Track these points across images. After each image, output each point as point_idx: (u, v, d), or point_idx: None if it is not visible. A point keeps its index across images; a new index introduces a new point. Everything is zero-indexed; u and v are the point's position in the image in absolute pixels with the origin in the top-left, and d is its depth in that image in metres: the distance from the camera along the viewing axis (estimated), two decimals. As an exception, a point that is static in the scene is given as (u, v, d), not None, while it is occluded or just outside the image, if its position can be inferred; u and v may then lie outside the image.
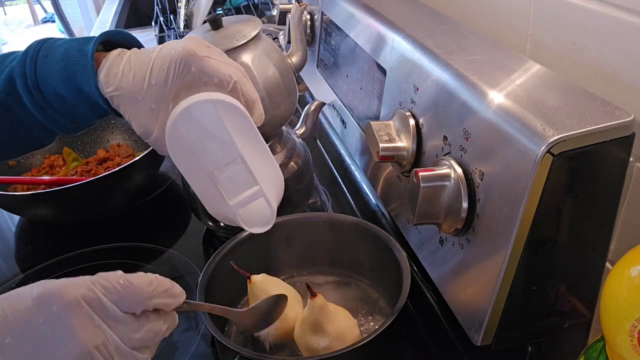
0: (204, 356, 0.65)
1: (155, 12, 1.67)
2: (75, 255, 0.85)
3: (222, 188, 0.49)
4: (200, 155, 0.48)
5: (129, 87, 0.49)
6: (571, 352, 0.52)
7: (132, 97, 0.49)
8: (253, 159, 0.49)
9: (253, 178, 0.50)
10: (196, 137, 0.48)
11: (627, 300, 0.37)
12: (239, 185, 0.50)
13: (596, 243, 0.48)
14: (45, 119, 0.53)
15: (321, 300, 0.57)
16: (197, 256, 0.83)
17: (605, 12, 0.51)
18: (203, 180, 0.49)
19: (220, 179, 0.49)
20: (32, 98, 0.51)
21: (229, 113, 0.48)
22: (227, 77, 0.48)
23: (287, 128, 0.82)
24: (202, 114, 0.47)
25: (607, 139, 0.43)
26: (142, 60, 0.49)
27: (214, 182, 0.49)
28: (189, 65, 0.48)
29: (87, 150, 1.07)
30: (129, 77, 0.49)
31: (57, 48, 0.52)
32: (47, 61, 0.51)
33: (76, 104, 0.52)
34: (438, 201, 0.52)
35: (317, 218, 0.73)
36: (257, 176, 0.50)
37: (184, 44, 0.48)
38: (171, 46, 0.49)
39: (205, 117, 0.47)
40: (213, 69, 0.48)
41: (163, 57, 0.48)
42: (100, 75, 0.50)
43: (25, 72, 0.51)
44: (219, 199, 0.50)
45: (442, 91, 0.55)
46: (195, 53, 0.48)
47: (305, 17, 0.99)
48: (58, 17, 2.50)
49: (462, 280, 0.53)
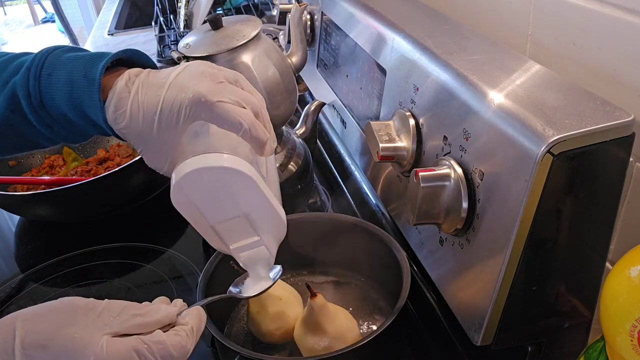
0: (204, 356, 0.65)
1: (155, 12, 1.67)
2: (75, 255, 0.85)
3: (223, 237, 0.52)
4: (202, 211, 0.49)
5: (137, 128, 0.48)
6: (571, 352, 0.52)
7: (142, 136, 0.49)
8: (255, 214, 0.51)
9: (254, 230, 0.51)
10: (198, 197, 0.49)
11: (627, 300, 0.37)
12: (239, 234, 0.52)
13: (596, 243, 0.48)
14: (50, 133, 0.53)
15: (321, 300, 0.57)
16: (197, 256, 0.83)
17: (605, 12, 0.50)
18: (206, 227, 0.51)
19: (221, 230, 0.51)
20: (38, 116, 0.51)
21: (232, 178, 0.48)
22: (237, 124, 0.47)
23: (287, 128, 0.82)
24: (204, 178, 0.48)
25: (607, 139, 0.43)
26: (150, 99, 0.47)
27: (216, 231, 0.51)
28: (199, 112, 0.46)
29: (87, 150, 1.07)
30: (137, 117, 0.48)
31: (61, 67, 0.50)
32: (51, 81, 0.50)
33: (83, 125, 0.51)
34: (438, 201, 0.52)
35: (317, 218, 0.73)
36: (257, 229, 0.52)
37: (194, 89, 0.46)
38: (180, 85, 0.47)
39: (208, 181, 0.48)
40: (222, 117, 0.46)
41: (173, 99, 0.46)
42: (108, 110, 0.49)
43: (29, 92, 0.50)
44: (220, 243, 0.52)
45: (442, 91, 0.55)
46: (206, 100, 0.46)
47: (305, 17, 0.99)
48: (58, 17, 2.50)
49: (462, 280, 0.53)
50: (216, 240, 0.52)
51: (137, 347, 0.40)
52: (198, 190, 0.48)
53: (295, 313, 0.62)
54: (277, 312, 0.61)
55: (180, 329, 0.44)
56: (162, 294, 0.48)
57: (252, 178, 0.48)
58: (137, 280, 0.80)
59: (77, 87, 0.49)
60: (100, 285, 0.81)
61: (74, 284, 0.81)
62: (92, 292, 0.80)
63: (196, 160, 0.47)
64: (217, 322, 0.60)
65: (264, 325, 0.61)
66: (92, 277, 0.82)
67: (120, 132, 0.49)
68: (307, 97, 1.18)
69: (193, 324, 0.45)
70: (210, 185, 0.48)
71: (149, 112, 0.47)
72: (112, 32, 1.86)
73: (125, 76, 0.49)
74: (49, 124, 0.52)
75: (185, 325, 0.44)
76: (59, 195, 0.83)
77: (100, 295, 0.81)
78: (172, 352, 0.41)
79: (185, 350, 0.42)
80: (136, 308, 0.43)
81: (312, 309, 0.57)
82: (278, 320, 0.61)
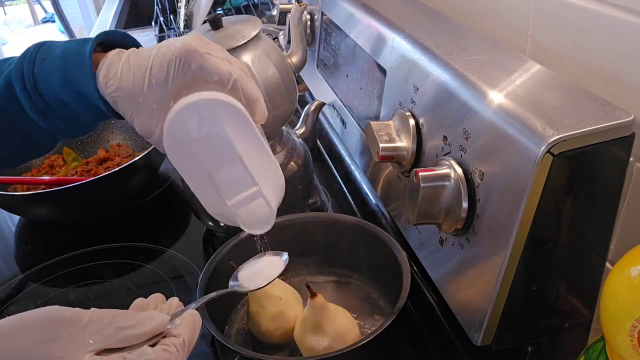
0: (204, 356, 0.65)
1: (155, 12, 1.67)
2: (75, 255, 0.85)
3: (220, 188, 0.49)
4: (197, 155, 0.47)
5: (128, 88, 0.48)
6: (571, 352, 0.52)
7: (133, 97, 0.48)
8: (252, 160, 0.49)
9: (252, 179, 0.49)
10: (193, 137, 0.47)
11: (627, 300, 0.37)
12: (237, 185, 0.49)
13: (596, 243, 0.48)
14: (46, 124, 0.52)
15: (321, 300, 0.57)
16: (197, 256, 0.83)
17: (605, 12, 0.50)
18: (201, 180, 0.48)
19: (218, 180, 0.48)
20: (32, 102, 0.50)
21: (227, 113, 0.47)
22: (227, 74, 0.47)
23: (287, 128, 0.82)
24: (199, 114, 0.47)
25: (607, 139, 0.43)
26: (141, 59, 0.48)
27: (212, 182, 0.48)
28: (189, 62, 0.47)
29: (87, 150, 1.07)
30: (128, 77, 0.48)
31: (54, 50, 0.51)
32: (45, 64, 0.50)
33: (77, 107, 0.51)
34: (438, 201, 0.52)
35: (317, 218, 0.73)
36: (256, 177, 0.49)
37: (183, 41, 0.47)
38: (170, 43, 0.48)
39: (203, 117, 0.47)
40: (213, 66, 0.47)
41: (163, 54, 0.47)
42: (99, 76, 0.49)
43: (24, 75, 0.50)
44: (217, 199, 0.49)
45: (442, 91, 0.55)
46: (195, 49, 0.47)
47: (305, 17, 0.99)
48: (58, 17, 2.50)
49: (462, 280, 0.53)
50: (212, 198, 0.49)
51: None
52: (194, 129, 0.47)
53: (295, 313, 0.62)
54: (277, 312, 0.61)
55: (170, 342, 0.42)
56: (162, 294, 0.48)
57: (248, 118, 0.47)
58: (137, 280, 0.80)
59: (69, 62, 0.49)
60: (100, 285, 0.81)
61: (74, 284, 0.81)
62: (92, 292, 0.80)
63: (186, 98, 0.46)
64: (217, 322, 0.60)
65: (263, 325, 0.61)
66: (92, 277, 0.82)
67: (111, 98, 0.49)
68: (307, 97, 1.18)
69: (185, 335, 0.43)
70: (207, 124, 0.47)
71: (139, 69, 0.48)
72: (112, 32, 1.86)
73: (116, 50, 0.50)
74: (44, 111, 0.51)
75: (176, 337, 0.42)
76: (59, 195, 0.83)
77: (100, 295, 0.82)
78: None
79: None
80: (125, 318, 0.41)
81: (312, 309, 0.57)
82: (278, 320, 0.61)
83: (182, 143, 0.47)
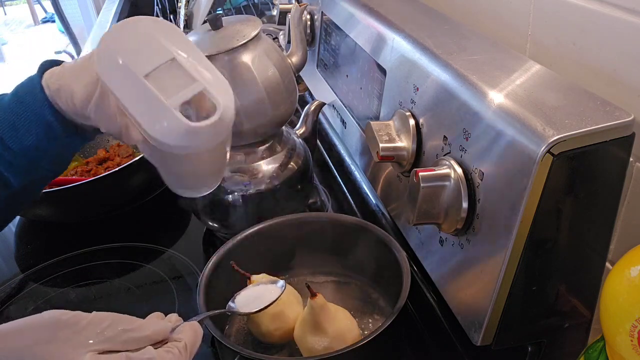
0: (204, 356, 0.65)
1: (155, 12, 1.67)
2: (75, 255, 0.85)
3: (157, 90, 0.44)
4: (130, 64, 0.45)
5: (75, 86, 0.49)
6: (571, 352, 0.52)
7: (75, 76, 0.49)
8: (188, 54, 0.46)
9: (189, 75, 0.45)
10: (125, 50, 0.45)
11: (627, 300, 0.37)
12: (177, 86, 0.45)
13: (596, 243, 0.48)
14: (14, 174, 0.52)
15: (321, 300, 0.57)
16: (197, 256, 0.83)
17: (605, 12, 0.50)
18: (137, 92, 0.45)
19: (155, 83, 0.45)
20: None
21: (161, 26, 0.47)
22: None
23: (287, 128, 0.82)
24: (130, 30, 0.46)
25: (607, 139, 0.43)
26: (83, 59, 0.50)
27: (149, 87, 0.44)
28: None
29: (87, 150, 1.07)
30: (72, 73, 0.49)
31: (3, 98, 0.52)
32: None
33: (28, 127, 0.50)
34: (438, 201, 0.52)
35: (317, 218, 0.73)
36: (194, 75, 0.45)
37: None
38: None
39: (134, 32, 0.46)
40: None
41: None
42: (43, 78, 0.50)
43: None
44: (156, 106, 0.44)
45: (442, 91, 0.55)
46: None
47: (305, 17, 0.99)
48: (58, 17, 2.49)
49: (462, 280, 0.53)
50: (152, 108, 0.44)
51: None
52: (125, 44, 0.46)
53: (295, 313, 0.62)
54: (277, 312, 0.61)
55: (172, 345, 0.41)
56: (162, 294, 0.48)
57: (175, 27, 0.48)
58: (137, 280, 0.80)
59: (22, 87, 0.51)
60: (100, 285, 0.81)
61: (74, 284, 0.81)
62: (92, 292, 0.80)
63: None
64: (217, 322, 0.60)
65: (263, 325, 0.61)
66: (92, 277, 0.82)
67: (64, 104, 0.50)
68: (307, 97, 1.18)
69: (187, 340, 0.42)
70: (137, 37, 0.46)
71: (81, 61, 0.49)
72: (112, 32, 1.86)
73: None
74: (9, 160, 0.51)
75: (178, 341, 0.42)
76: (59, 195, 0.83)
77: (100, 295, 0.82)
78: None
79: None
80: (126, 322, 0.40)
81: (312, 309, 0.57)
82: (278, 320, 0.61)
83: (114, 56, 0.45)
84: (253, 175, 0.76)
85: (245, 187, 0.76)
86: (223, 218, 0.78)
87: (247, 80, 0.71)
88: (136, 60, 0.45)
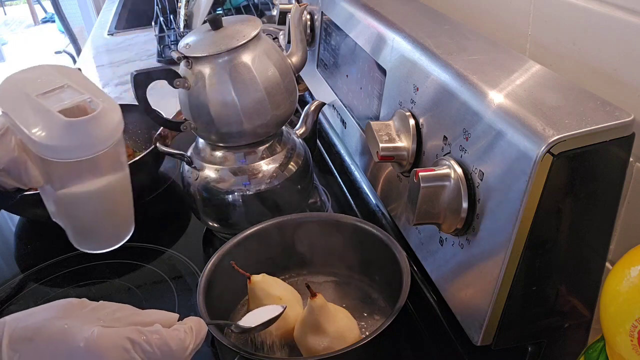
0: (204, 356, 0.65)
1: (155, 12, 1.67)
2: (75, 255, 0.85)
3: (45, 102, 0.47)
4: (25, 88, 0.48)
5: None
6: (571, 352, 0.52)
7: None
8: (83, 87, 0.49)
9: (78, 92, 0.49)
10: (24, 78, 0.48)
11: (627, 300, 0.37)
12: (63, 99, 0.48)
13: (596, 243, 0.48)
14: None
15: (321, 300, 0.57)
16: (197, 256, 0.83)
17: (605, 12, 0.50)
18: (29, 107, 0.47)
19: (44, 99, 0.48)
20: None
21: (62, 68, 0.49)
22: None
23: (287, 128, 0.82)
24: (34, 69, 0.49)
25: (607, 139, 0.43)
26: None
27: (37, 101, 0.47)
28: None
29: (87, 150, 1.07)
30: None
31: None
32: None
33: None
34: (438, 201, 0.52)
35: (317, 218, 0.73)
36: (83, 91, 0.49)
37: None
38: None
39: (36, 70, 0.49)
40: None
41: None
42: None
43: None
44: (41, 114, 0.47)
45: (442, 91, 0.55)
46: None
47: (305, 17, 0.99)
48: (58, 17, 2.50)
49: (462, 280, 0.53)
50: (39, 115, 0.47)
51: (131, 336, 0.39)
52: (25, 77, 0.49)
53: (295, 313, 0.62)
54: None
55: (178, 326, 0.43)
56: (162, 294, 0.48)
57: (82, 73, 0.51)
58: (137, 280, 0.80)
59: None
60: (100, 285, 0.81)
61: (74, 284, 0.81)
62: (92, 292, 0.80)
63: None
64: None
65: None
66: (92, 277, 0.82)
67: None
68: (307, 97, 1.18)
69: (192, 325, 0.44)
70: (36, 72, 0.50)
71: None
72: (112, 32, 1.86)
73: None
74: None
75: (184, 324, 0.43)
76: (59, 195, 0.83)
77: (100, 296, 0.81)
78: (170, 344, 0.40)
79: (184, 345, 0.41)
80: (133, 309, 0.42)
81: (312, 309, 0.57)
82: (278, 320, 0.61)
83: (12, 87, 0.48)
84: (253, 175, 0.76)
85: (245, 187, 0.76)
86: (223, 218, 0.78)
87: (247, 80, 0.71)
88: (32, 85, 0.48)
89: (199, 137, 0.79)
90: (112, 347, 0.38)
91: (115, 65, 1.61)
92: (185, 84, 0.72)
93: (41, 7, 5.72)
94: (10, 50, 5.06)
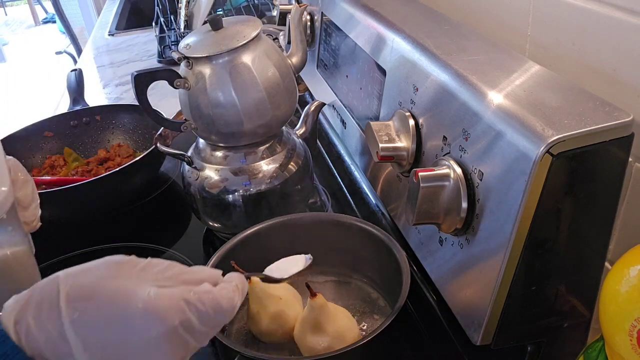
0: (204, 356, 0.65)
1: (156, 12, 1.67)
2: (76, 255, 0.85)
3: None
4: None
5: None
6: (571, 352, 0.52)
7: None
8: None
9: None
10: None
11: (627, 300, 0.37)
12: None
13: (595, 243, 0.48)
14: None
15: (321, 300, 0.58)
16: (197, 256, 0.83)
17: (604, 12, 0.51)
18: None
19: None
20: None
21: None
22: None
23: (287, 128, 0.82)
24: None
25: (606, 139, 0.43)
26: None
27: None
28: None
29: (88, 150, 1.07)
30: None
31: None
32: None
33: None
34: (438, 201, 0.52)
35: (317, 218, 0.73)
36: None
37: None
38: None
39: None
40: None
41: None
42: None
43: None
44: None
45: (442, 91, 0.55)
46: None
47: (305, 18, 0.99)
48: (58, 17, 2.50)
49: (461, 280, 0.53)
50: None
51: (186, 296, 0.39)
52: None
53: (295, 313, 0.62)
54: (277, 312, 0.61)
55: (226, 284, 0.43)
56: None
57: None
58: (137, 280, 0.80)
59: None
60: (100, 285, 0.81)
61: (75, 284, 0.81)
62: (92, 292, 0.80)
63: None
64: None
65: (264, 325, 0.61)
66: (92, 277, 0.82)
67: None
68: (307, 97, 1.18)
69: (237, 282, 0.44)
70: None
71: None
72: (113, 33, 1.87)
73: None
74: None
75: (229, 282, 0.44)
76: (59, 195, 0.83)
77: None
78: (221, 303, 0.41)
79: (233, 303, 0.42)
80: (181, 266, 0.42)
81: (312, 309, 0.57)
82: (278, 320, 0.61)
83: None
84: (253, 175, 0.76)
85: (245, 187, 0.76)
86: (223, 218, 0.78)
87: (247, 80, 0.71)
88: None
89: (199, 137, 0.79)
90: (170, 308, 0.39)
91: (116, 65, 1.62)
92: (185, 84, 0.72)
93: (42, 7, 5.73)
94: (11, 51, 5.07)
